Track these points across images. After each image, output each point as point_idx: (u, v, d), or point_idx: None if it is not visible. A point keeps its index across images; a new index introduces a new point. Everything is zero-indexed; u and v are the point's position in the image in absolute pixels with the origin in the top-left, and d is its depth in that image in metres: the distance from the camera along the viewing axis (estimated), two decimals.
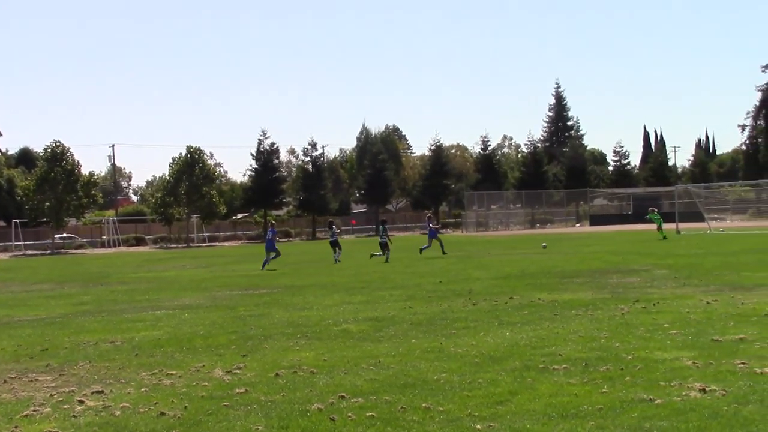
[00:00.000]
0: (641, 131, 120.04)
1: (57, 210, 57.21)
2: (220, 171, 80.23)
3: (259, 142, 70.53)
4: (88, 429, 5.89)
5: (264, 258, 26.26)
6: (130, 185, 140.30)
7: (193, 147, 63.70)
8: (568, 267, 19.98)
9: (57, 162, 57.44)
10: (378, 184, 74.98)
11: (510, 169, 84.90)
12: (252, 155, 70.63)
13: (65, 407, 6.55)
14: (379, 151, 78.67)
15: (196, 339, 10.11)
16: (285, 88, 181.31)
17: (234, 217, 76.01)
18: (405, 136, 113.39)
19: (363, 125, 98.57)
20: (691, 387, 6.31)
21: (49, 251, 56.61)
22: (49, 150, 58.36)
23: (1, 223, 66.56)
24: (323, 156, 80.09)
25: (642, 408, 5.78)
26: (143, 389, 7.14)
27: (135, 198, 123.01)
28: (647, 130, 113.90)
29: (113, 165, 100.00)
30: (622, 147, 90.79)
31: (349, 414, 5.93)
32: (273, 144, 71.12)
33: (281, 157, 77.27)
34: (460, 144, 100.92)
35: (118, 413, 6.28)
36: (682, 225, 43.76)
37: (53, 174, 56.57)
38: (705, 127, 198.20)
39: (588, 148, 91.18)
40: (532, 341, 8.82)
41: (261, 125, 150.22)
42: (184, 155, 63.04)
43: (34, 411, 6.45)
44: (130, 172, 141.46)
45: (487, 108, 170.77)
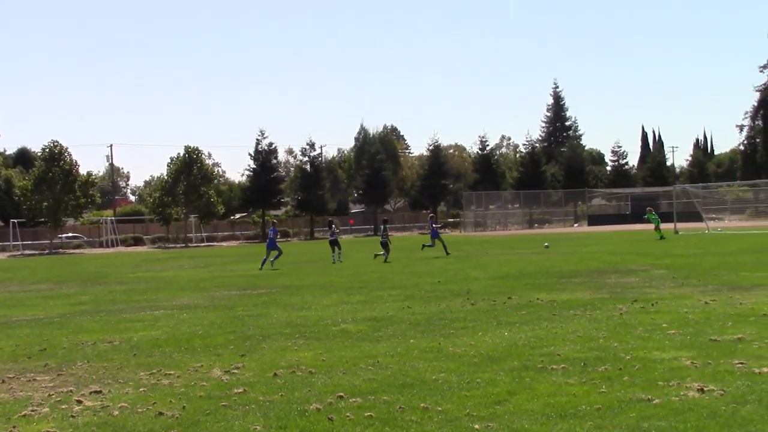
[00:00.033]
0: (639, 131, 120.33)
1: (55, 210, 57.12)
2: (218, 171, 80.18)
3: (257, 142, 70.64)
4: (86, 429, 5.89)
5: (263, 257, 26.29)
6: (128, 185, 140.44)
7: (191, 147, 63.69)
8: (566, 267, 19.99)
9: (55, 162, 57.39)
10: (376, 184, 74.91)
11: (508, 169, 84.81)
12: (250, 155, 70.68)
13: (63, 407, 6.55)
14: (377, 151, 78.62)
15: (194, 339, 10.11)
16: (283, 88, 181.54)
17: (232, 217, 75.91)
18: (403, 136, 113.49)
19: (361, 125, 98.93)
20: (690, 387, 6.32)
21: (47, 251, 56.56)
22: (47, 150, 58.32)
23: None
24: (321, 156, 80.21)
25: (640, 408, 5.78)
26: (141, 389, 7.14)
27: (133, 198, 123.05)
28: (645, 130, 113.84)
29: (111, 165, 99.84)
30: (620, 147, 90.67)
31: (348, 414, 5.93)
32: (271, 144, 71.26)
33: (279, 157, 77.39)
34: (458, 144, 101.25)
35: (116, 413, 6.28)
36: (680, 225, 43.79)
37: (51, 174, 56.53)
38: (703, 128, 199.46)
39: (586, 148, 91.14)
40: (530, 341, 8.83)
41: (259, 125, 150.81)
42: (182, 155, 62.98)
43: (32, 411, 6.45)
44: (128, 172, 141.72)
45: (486, 108, 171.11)
